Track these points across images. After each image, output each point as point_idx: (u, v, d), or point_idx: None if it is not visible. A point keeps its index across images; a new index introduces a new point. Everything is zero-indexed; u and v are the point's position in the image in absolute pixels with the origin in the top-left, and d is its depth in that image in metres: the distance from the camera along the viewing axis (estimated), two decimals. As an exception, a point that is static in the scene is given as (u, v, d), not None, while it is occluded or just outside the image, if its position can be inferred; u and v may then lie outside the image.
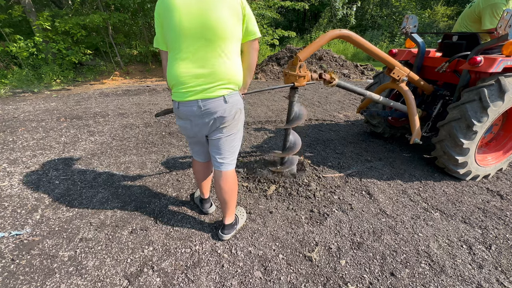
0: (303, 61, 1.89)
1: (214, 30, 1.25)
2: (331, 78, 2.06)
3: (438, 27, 12.10)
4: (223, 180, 1.60)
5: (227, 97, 1.37)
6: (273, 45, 9.64)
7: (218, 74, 1.32)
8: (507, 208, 2.09)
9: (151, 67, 8.60)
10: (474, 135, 2.17)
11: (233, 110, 1.42)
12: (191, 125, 1.46)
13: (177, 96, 1.38)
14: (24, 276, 1.49)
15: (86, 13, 7.47)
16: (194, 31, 1.25)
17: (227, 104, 1.38)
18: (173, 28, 1.26)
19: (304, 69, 1.91)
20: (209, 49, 1.29)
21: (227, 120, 1.43)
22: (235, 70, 1.38)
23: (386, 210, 2.05)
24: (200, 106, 1.35)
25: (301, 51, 1.87)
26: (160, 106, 4.92)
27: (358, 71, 7.88)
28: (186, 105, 1.37)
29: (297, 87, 1.96)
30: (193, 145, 1.69)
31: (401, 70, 2.32)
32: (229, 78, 1.35)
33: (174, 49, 1.32)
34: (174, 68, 1.33)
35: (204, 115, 1.39)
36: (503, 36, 1.96)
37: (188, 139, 1.67)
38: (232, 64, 1.36)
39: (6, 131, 3.61)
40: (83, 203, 2.13)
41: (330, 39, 1.93)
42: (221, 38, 1.28)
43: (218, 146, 1.54)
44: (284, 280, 1.48)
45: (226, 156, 1.57)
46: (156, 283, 1.45)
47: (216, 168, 1.62)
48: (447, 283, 1.46)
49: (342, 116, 4.33)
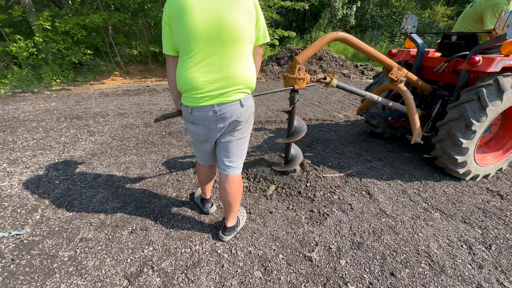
0: (301, 64, 1.89)
1: (230, 31, 1.20)
2: (330, 79, 2.07)
3: (438, 27, 12.10)
4: (229, 184, 1.58)
5: (243, 100, 1.34)
6: (273, 45, 9.65)
7: (235, 78, 1.28)
8: (507, 208, 2.09)
9: (151, 67, 8.60)
10: (473, 134, 2.17)
11: (247, 113, 1.40)
12: (204, 130, 1.41)
13: (191, 101, 1.32)
14: (24, 276, 1.49)
15: (86, 13, 7.48)
16: (209, 32, 1.19)
17: (243, 108, 1.35)
18: (185, 29, 1.19)
19: (303, 72, 1.91)
20: (225, 52, 1.24)
21: (241, 123, 1.41)
22: (250, 73, 1.35)
23: (386, 210, 2.05)
24: (216, 111, 1.31)
25: (299, 54, 1.88)
26: (160, 106, 4.92)
27: (358, 71, 7.88)
28: (201, 110, 1.32)
29: (297, 89, 1.96)
30: (201, 149, 1.63)
31: (399, 71, 2.33)
32: (245, 82, 1.33)
33: (187, 53, 1.25)
34: (187, 72, 1.26)
35: (219, 120, 1.35)
36: (501, 36, 1.96)
37: (198, 144, 1.61)
38: (248, 67, 1.33)
39: (6, 131, 3.61)
40: (83, 203, 2.13)
41: (328, 42, 1.94)
42: (237, 40, 1.24)
43: (227, 149, 1.52)
44: (284, 280, 1.48)
45: (234, 160, 1.55)
46: (156, 283, 1.45)
47: (222, 171, 1.59)
48: (447, 283, 1.46)
49: (342, 116, 4.33)
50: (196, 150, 1.70)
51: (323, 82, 2.08)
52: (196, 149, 1.70)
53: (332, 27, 14.64)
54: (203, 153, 1.65)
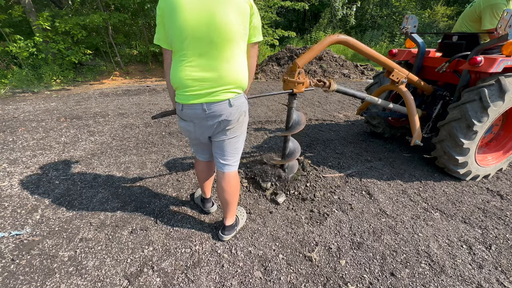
0: (301, 68, 1.90)
1: (220, 32, 1.20)
2: (330, 83, 2.07)
3: (438, 27, 12.09)
4: (226, 182, 1.59)
5: (232, 100, 1.35)
6: (273, 45, 9.64)
7: (224, 78, 1.29)
8: (507, 208, 2.09)
9: (151, 67, 8.60)
10: (474, 135, 2.17)
11: (237, 113, 1.41)
12: (194, 127, 1.44)
13: (181, 99, 1.35)
14: (24, 276, 1.49)
15: (86, 13, 7.47)
16: (200, 33, 1.20)
17: (232, 107, 1.36)
18: (177, 28, 1.20)
19: (303, 76, 1.92)
20: (216, 52, 1.25)
21: (231, 123, 1.42)
22: (241, 73, 1.35)
23: (386, 210, 2.05)
24: (204, 109, 1.33)
25: (299, 57, 1.88)
26: (160, 106, 4.92)
27: (358, 71, 7.88)
28: (190, 108, 1.35)
29: (296, 93, 1.97)
30: (195, 144, 1.68)
31: (400, 72, 2.33)
32: (235, 82, 1.33)
33: (178, 50, 1.27)
34: (178, 70, 1.29)
35: (208, 118, 1.37)
36: (503, 36, 1.96)
37: (191, 141, 1.66)
38: (239, 68, 1.33)
39: (6, 131, 3.61)
40: (83, 203, 2.13)
41: (328, 45, 1.94)
42: (228, 41, 1.24)
43: (221, 148, 1.53)
44: (284, 280, 1.48)
45: (229, 158, 1.56)
46: (156, 283, 1.45)
47: (219, 169, 1.61)
48: (447, 283, 1.46)
49: (342, 116, 4.33)
50: (191, 145, 1.74)
51: (322, 87, 2.08)
52: (192, 145, 1.73)
53: (332, 27, 14.64)
54: (198, 147, 1.68)
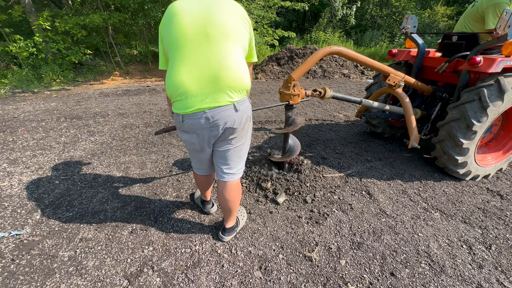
0: (296, 80, 1.94)
1: (218, 26, 1.13)
2: (325, 91, 2.10)
3: (438, 27, 12.09)
4: (227, 191, 1.51)
5: (237, 104, 1.24)
6: (273, 45, 9.65)
7: (225, 77, 1.17)
8: (507, 208, 2.09)
9: (151, 67, 8.61)
10: (474, 135, 2.17)
11: (243, 119, 1.30)
12: (198, 139, 1.32)
13: (180, 108, 1.21)
14: (24, 276, 1.49)
15: (86, 13, 7.47)
16: (195, 29, 1.12)
17: (238, 112, 1.25)
18: (173, 31, 1.14)
19: (298, 88, 1.97)
20: (213, 49, 1.15)
21: (237, 130, 1.31)
22: (243, 72, 1.23)
23: (386, 210, 2.05)
24: (208, 117, 1.20)
25: (294, 71, 1.94)
26: (160, 106, 4.92)
27: (358, 71, 7.88)
28: (192, 118, 1.21)
29: (292, 105, 2.01)
30: (196, 159, 1.55)
31: (396, 76, 2.34)
32: (238, 82, 1.21)
33: (173, 54, 1.17)
34: (174, 74, 1.17)
35: (213, 127, 1.25)
36: (502, 36, 1.96)
37: (193, 152, 1.50)
38: (240, 66, 1.22)
39: (6, 131, 3.61)
40: (83, 203, 2.13)
41: (321, 57, 1.97)
42: (226, 36, 1.15)
43: (225, 157, 1.43)
44: (284, 280, 1.48)
45: (233, 166, 1.47)
46: (156, 283, 1.45)
47: (220, 179, 1.51)
48: (447, 283, 1.46)
49: (342, 116, 4.33)
50: (191, 159, 1.61)
51: (317, 96, 2.12)
52: (191, 158, 1.61)
53: (332, 27, 14.64)
54: (199, 162, 1.57)
